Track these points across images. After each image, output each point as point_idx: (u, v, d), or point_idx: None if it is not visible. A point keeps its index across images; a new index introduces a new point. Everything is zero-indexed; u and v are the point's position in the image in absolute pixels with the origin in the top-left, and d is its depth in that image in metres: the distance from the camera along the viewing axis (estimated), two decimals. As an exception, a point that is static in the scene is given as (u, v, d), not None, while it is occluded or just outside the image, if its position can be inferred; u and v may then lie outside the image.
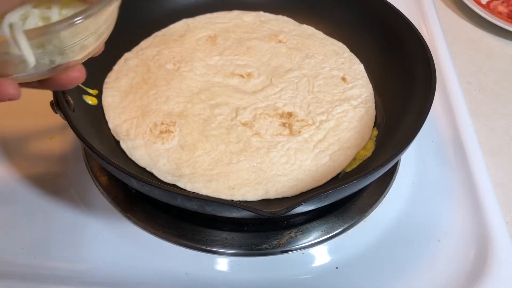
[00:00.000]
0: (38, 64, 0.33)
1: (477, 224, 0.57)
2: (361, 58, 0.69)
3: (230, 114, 0.60)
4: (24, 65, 0.32)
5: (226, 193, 0.53)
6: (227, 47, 0.69)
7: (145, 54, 0.68)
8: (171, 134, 0.57)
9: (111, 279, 0.52)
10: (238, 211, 0.44)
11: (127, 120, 0.59)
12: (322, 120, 0.60)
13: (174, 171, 0.55)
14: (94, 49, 0.37)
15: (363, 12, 0.70)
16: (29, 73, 0.34)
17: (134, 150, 0.56)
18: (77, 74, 0.36)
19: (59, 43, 0.33)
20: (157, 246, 0.54)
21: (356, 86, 0.65)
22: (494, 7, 0.91)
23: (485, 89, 0.80)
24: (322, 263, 0.55)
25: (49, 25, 0.31)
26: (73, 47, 0.34)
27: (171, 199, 0.46)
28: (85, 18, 0.32)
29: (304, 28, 0.74)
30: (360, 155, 0.58)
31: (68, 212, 0.57)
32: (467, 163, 0.63)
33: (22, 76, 0.34)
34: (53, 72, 0.35)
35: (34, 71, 0.34)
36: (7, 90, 0.32)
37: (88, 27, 0.34)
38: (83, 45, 0.35)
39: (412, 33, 0.62)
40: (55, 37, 0.32)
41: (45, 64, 0.34)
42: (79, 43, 0.34)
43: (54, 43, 0.32)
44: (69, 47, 0.34)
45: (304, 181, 0.54)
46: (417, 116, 0.52)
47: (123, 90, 0.63)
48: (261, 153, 0.56)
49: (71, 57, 0.35)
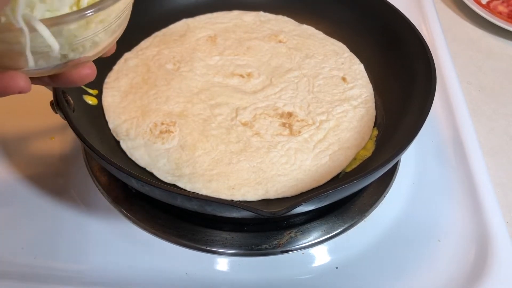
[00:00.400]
0: (49, 58, 0.33)
1: (477, 224, 0.57)
2: (361, 58, 0.69)
3: (230, 114, 0.60)
4: (37, 56, 0.32)
5: (226, 193, 0.53)
6: (227, 47, 0.69)
7: (145, 54, 0.68)
8: (171, 134, 0.57)
9: (111, 279, 0.52)
10: (238, 211, 0.44)
11: (127, 120, 0.59)
12: (322, 120, 0.60)
13: (174, 171, 0.55)
14: (105, 47, 0.37)
15: (363, 12, 0.70)
16: (40, 67, 0.34)
17: (134, 150, 0.56)
18: (88, 71, 0.36)
19: (70, 36, 0.33)
20: (157, 246, 0.54)
21: (356, 86, 0.65)
22: (494, 7, 0.91)
23: (485, 89, 0.80)
24: (322, 263, 0.55)
25: (61, 15, 0.31)
26: (84, 42, 0.34)
27: (171, 199, 0.46)
28: (96, 11, 0.32)
29: (304, 28, 0.74)
30: (360, 155, 0.58)
31: (68, 212, 0.57)
32: (467, 163, 0.63)
33: (33, 70, 0.34)
34: (64, 67, 0.35)
35: (45, 65, 0.34)
36: (18, 83, 0.32)
37: (99, 21, 0.34)
38: (94, 42, 0.35)
39: (412, 33, 0.62)
40: (66, 29, 0.32)
41: (56, 58, 0.34)
42: (90, 38, 0.34)
43: (65, 35, 0.32)
44: (80, 42, 0.34)
45: (304, 181, 0.54)
46: (417, 116, 0.52)
47: (123, 90, 0.63)
48: (261, 153, 0.56)
49: (82, 53, 0.35)
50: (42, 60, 0.33)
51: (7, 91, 0.32)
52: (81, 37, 0.33)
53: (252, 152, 0.56)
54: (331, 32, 0.73)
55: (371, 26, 0.69)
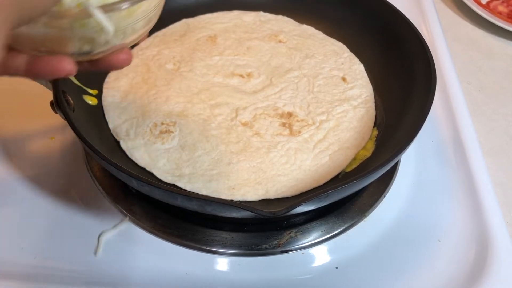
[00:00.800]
0: (94, 43, 0.35)
1: (477, 224, 0.57)
2: (361, 58, 0.69)
3: (230, 114, 0.60)
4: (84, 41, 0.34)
5: (226, 193, 0.53)
6: (227, 47, 0.69)
7: (145, 54, 0.68)
8: (171, 134, 0.57)
9: (111, 279, 0.52)
10: (238, 211, 0.44)
11: (127, 120, 0.59)
12: (322, 120, 0.60)
13: (174, 171, 0.55)
14: (141, 34, 0.39)
15: (363, 12, 0.70)
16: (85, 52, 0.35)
17: (134, 150, 0.56)
18: (125, 56, 0.38)
19: (117, 22, 0.34)
20: (157, 246, 0.54)
21: (356, 86, 0.65)
22: (494, 7, 0.91)
23: (485, 89, 0.80)
24: (322, 263, 0.55)
25: (115, 2, 0.33)
26: (126, 28, 0.36)
27: (171, 199, 0.46)
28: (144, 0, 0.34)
29: (304, 28, 0.74)
30: (360, 155, 0.58)
31: (68, 212, 0.57)
32: (467, 163, 0.63)
33: (78, 55, 0.35)
34: (106, 52, 0.37)
35: (89, 50, 0.35)
36: (66, 66, 0.33)
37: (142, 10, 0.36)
38: (134, 29, 0.37)
39: (412, 33, 0.62)
40: (116, 16, 0.34)
41: (100, 44, 0.35)
42: (131, 25, 0.36)
43: (113, 22, 0.34)
44: (123, 28, 0.35)
45: (304, 181, 0.54)
46: (417, 116, 0.52)
47: (123, 90, 0.63)
48: (261, 153, 0.56)
49: (123, 39, 0.36)
50: (87, 45, 0.35)
51: (54, 74, 0.33)
52: (125, 23, 0.35)
53: (252, 152, 0.56)
54: (331, 32, 0.73)
55: (371, 26, 0.69)
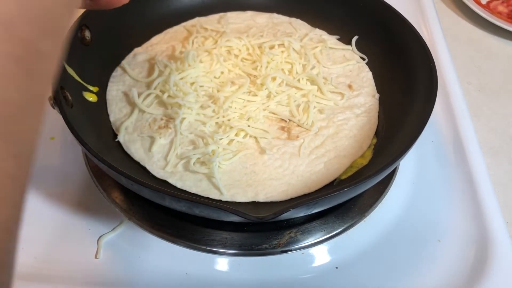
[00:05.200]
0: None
1: (477, 224, 0.57)
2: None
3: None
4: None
5: (216, 193, 0.53)
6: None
7: (154, 50, 0.68)
8: (169, 130, 0.57)
9: (111, 279, 0.52)
10: (226, 214, 0.44)
11: (128, 114, 0.60)
12: (322, 126, 0.59)
13: (166, 167, 0.55)
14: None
15: (367, 15, 0.69)
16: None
17: (130, 144, 0.57)
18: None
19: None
20: (157, 246, 0.54)
21: (362, 94, 0.64)
22: (494, 7, 0.91)
23: (485, 89, 0.80)
24: (322, 263, 0.55)
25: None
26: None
27: (159, 199, 0.46)
28: None
29: (316, 32, 0.72)
30: (356, 162, 0.57)
31: (68, 213, 0.57)
32: (467, 163, 0.63)
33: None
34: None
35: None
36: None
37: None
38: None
39: (412, 34, 0.62)
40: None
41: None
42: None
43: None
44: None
45: (295, 186, 0.54)
46: (416, 124, 0.52)
47: (128, 84, 0.63)
48: (256, 155, 0.56)
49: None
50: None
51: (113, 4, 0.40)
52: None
53: (246, 154, 0.56)
54: (343, 38, 0.71)
55: (371, 26, 0.68)
